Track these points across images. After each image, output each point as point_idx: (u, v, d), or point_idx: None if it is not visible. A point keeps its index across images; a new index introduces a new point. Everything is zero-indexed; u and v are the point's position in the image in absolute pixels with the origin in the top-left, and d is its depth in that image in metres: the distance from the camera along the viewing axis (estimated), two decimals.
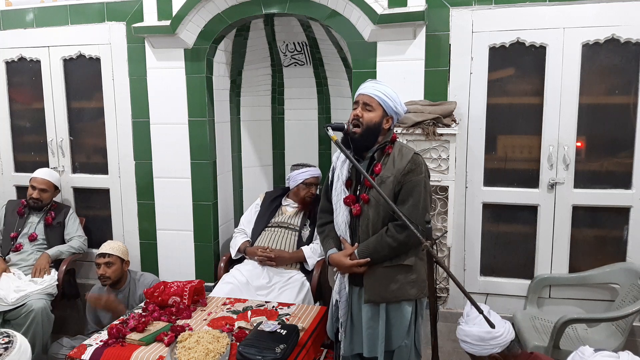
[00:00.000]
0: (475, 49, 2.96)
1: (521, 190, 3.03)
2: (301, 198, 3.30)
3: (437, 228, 2.90)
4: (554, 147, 2.93)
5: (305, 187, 3.30)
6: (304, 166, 3.39)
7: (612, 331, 2.75)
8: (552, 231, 3.01)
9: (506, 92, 3.01)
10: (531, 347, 2.60)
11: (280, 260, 3.08)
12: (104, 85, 3.56)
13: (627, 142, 2.87)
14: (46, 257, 3.28)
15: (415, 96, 2.95)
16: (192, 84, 3.31)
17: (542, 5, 2.85)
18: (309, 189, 3.30)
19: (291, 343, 2.17)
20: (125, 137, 3.56)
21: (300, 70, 3.78)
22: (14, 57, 3.71)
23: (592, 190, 2.94)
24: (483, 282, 3.16)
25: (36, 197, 3.40)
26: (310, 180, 3.31)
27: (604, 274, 2.90)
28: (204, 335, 2.26)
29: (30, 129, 3.82)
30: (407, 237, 2.00)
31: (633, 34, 2.76)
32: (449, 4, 2.95)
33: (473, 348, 1.90)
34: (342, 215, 2.13)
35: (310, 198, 3.30)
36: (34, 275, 3.20)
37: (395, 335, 2.11)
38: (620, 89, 2.86)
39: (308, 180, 3.30)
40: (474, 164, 3.05)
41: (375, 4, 2.88)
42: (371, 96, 2.06)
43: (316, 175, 3.35)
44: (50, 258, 3.29)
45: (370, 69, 3.00)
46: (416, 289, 2.09)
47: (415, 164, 2.06)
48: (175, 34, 3.18)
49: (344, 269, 2.11)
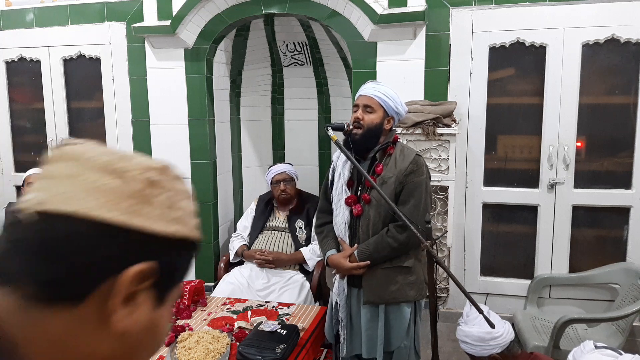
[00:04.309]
0: (475, 49, 2.96)
1: (521, 190, 3.03)
2: (277, 198, 3.27)
3: (437, 228, 2.89)
4: (554, 147, 2.93)
5: (276, 185, 3.24)
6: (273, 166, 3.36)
7: (612, 331, 2.75)
8: (552, 231, 3.01)
9: (506, 92, 3.01)
10: (531, 347, 2.60)
11: (278, 262, 3.08)
12: (104, 85, 3.56)
13: (627, 142, 2.87)
14: None
15: (415, 96, 2.95)
16: (192, 84, 3.31)
17: (542, 5, 2.85)
18: (279, 187, 3.22)
19: (291, 343, 2.17)
20: (125, 137, 3.56)
21: (300, 70, 3.78)
22: (14, 57, 3.71)
23: (592, 190, 2.94)
24: (483, 282, 3.16)
25: None
26: (277, 177, 3.23)
27: (604, 274, 2.90)
28: (204, 335, 2.26)
29: (30, 129, 3.82)
30: (408, 238, 1.99)
31: (633, 34, 2.76)
32: (449, 4, 2.95)
33: (473, 348, 1.90)
34: (342, 215, 2.13)
35: (285, 195, 3.22)
36: None
37: (394, 337, 2.11)
38: (620, 89, 2.86)
39: (275, 178, 3.23)
40: (474, 164, 3.05)
41: (375, 4, 2.88)
42: (371, 97, 2.06)
43: (281, 171, 3.25)
44: None
45: (370, 69, 3.00)
46: (415, 291, 2.09)
47: (417, 165, 2.05)
48: (175, 34, 3.18)
49: (343, 271, 2.11)
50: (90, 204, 0.44)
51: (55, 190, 0.45)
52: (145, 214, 0.46)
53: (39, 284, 0.44)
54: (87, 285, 0.44)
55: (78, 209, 0.44)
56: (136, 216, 0.45)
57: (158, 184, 0.48)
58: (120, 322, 0.45)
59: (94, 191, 0.45)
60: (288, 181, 3.25)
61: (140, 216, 0.46)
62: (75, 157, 0.47)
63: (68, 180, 0.46)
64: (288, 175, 3.25)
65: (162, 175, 0.49)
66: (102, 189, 0.45)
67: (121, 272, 0.45)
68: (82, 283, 0.44)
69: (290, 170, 3.29)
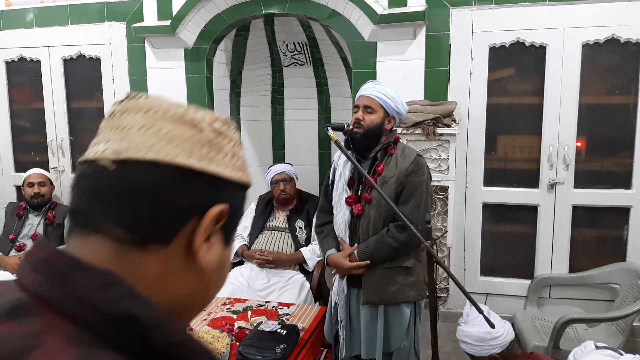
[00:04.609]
0: (475, 49, 2.96)
1: (521, 190, 3.03)
2: (276, 198, 3.27)
3: (437, 228, 2.89)
4: (554, 147, 2.93)
5: (276, 185, 3.23)
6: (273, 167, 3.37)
7: (612, 331, 2.75)
8: (552, 231, 3.01)
9: (506, 92, 3.01)
10: (531, 347, 2.60)
11: (278, 262, 3.08)
12: (104, 85, 3.56)
13: (627, 142, 2.87)
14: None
15: (415, 96, 2.95)
16: (192, 84, 3.31)
17: (542, 5, 2.85)
18: (278, 187, 3.21)
19: (291, 343, 2.17)
20: None
21: (300, 70, 3.78)
22: (14, 57, 3.71)
23: (592, 190, 2.94)
24: (483, 282, 3.16)
25: (37, 192, 3.41)
26: (277, 177, 3.23)
27: (604, 274, 2.90)
28: (203, 335, 2.26)
29: (30, 129, 3.82)
30: (408, 238, 1.99)
31: (633, 34, 2.76)
32: (449, 4, 2.95)
33: (473, 348, 1.90)
34: (343, 214, 2.13)
35: (285, 195, 3.22)
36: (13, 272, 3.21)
37: (394, 337, 2.11)
38: (620, 89, 2.86)
39: (275, 178, 3.23)
40: (474, 164, 3.05)
41: (375, 4, 2.88)
42: (372, 97, 2.05)
43: (281, 171, 3.25)
44: None
45: (370, 69, 3.00)
46: (415, 291, 2.09)
47: (418, 165, 2.06)
48: (175, 34, 3.18)
49: (343, 270, 2.10)
50: (171, 152, 0.48)
51: (134, 140, 0.48)
52: (217, 161, 0.51)
53: (131, 228, 0.47)
54: (173, 227, 0.48)
55: (161, 156, 0.47)
56: (211, 162, 0.50)
57: (224, 134, 0.53)
58: (202, 260, 0.50)
59: (172, 140, 0.48)
60: (288, 181, 3.24)
61: (214, 162, 0.50)
62: (145, 109, 0.50)
63: (143, 130, 0.48)
64: (288, 175, 3.25)
65: (226, 126, 0.54)
66: (179, 137, 0.49)
67: (202, 214, 0.49)
68: (169, 224, 0.48)
69: (290, 170, 3.28)
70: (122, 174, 0.47)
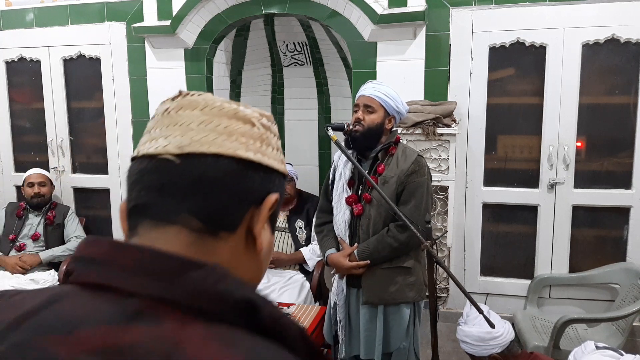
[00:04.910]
0: (475, 49, 2.96)
1: (521, 190, 3.03)
2: None
3: (437, 228, 2.89)
4: (554, 147, 2.93)
5: None
6: None
7: (612, 331, 2.75)
8: (552, 231, 3.01)
9: (506, 92, 3.01)
10: (531, 347, 2.60)
11: (278, 262, 3.08)
12: (104, 85, 3.56)
13: (627, 142, 2.87)
14: (35, 259, 3.27)
15: (415, 96, 2.95)
16: (192, 84, 3.31)
17: (542, 5, 2.85)
18: None
19: None
20: (125, 137, 3.56)
21: (300, 70, 3.78)
22: (14, 57, 3.71)
23: (592, 190, 2.94)
24: (483, 282, 3.16)
25: (37, 192, 3.40)
26: None
27: (604, 274, 2.90)
28: None
29: (30, 129, 3.82)
30: (408, 238, 1.99)
31: (633, 34, 2.76)
32: (449, 4, 2.95)
33: (473, 348, 1.90)
34: (343, 214, 2.13)
35: (284, 195, 3.23)
36: (13, 272, 3.21)
37: (393, 337, 2.11)
38: (620, 89, 2.86)
39: None
40: (474, 164, 3.05)
41: (375, 4, 2.88)
42: (372, 97, 2.05)
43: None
44: (41, 260, 3.28)
45: (370, 69, 3.00)
46: (415, 292, 2.08)
47: (419, 166, 2.05)
48: (175, 34, 3.18)
49: (343, 270, 2.10)
50: (232, 145, 0.52)
51: (195, 135, 0.51)
52: (268, 154, 0.55)
53: (203, 218, 0.50)
54: (239, 215, 0.52)
55: (224, 150, 0.51)
56: (264, 155, 0.54)
57: (270, 129, 0.57)
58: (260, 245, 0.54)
59: (231, 134, 0.52)
60: (288, 181, 3.24)
61: (266, 155, 0.55)
62: (201, 106, 0.53)
63: (202, 126, 0.52)
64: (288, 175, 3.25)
65: (271, 121, 0.58)
66: (237, 132, 0.53)
67: (258, 202, 0.53)
68: (235, 213, 0.52)
69: (290, 170, 3.29)
70: (188, 167, 0.50)
